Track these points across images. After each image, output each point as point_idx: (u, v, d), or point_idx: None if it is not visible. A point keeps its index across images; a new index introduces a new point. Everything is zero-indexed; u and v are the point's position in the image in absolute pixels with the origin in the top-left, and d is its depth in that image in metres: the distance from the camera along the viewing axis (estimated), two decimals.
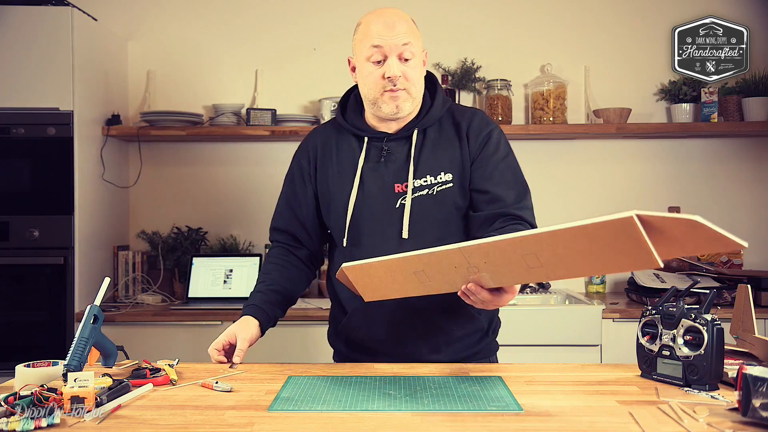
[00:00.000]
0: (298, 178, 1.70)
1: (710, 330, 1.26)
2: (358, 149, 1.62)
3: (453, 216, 1.59)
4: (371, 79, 1.55)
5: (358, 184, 1.58)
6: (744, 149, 3.20)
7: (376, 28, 1.53)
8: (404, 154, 1.59)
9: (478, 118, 1.62)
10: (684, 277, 2.85)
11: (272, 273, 1.67)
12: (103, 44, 3.01)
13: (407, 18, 1.57)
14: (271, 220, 1.75)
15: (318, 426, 1.09)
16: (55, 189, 2.69)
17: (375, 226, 1.57)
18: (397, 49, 1.51)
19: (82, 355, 1.37)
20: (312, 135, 1.73)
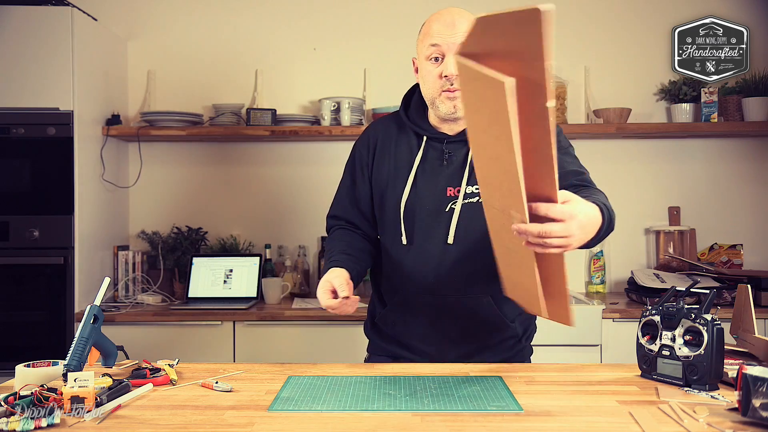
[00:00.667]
0: (357, 167, 1.70)
1: (710, 330, 1.26)
2: (416, 147, 1.61)
3: None
4: (430, 78, 1.54)
5: (411, 183, 1.59)
6: (744, 149, 3.19)
7: (436, 26, 1.52)
8: (461, 158, 1.58)
9: None
10: (684, 277, 2.85)
11: (339, 243, 1.65)
12: (103, 44, 3.01)
13: (470, 17, 1.51)
14: (330, 208, 1.76)
15: (318, 426, 1.09)
16: (55, 189, 2.69)
17: (423, 226, 1.58)
18: (454, 47, 1.47)
19: (82, 355, 1.37)
20: (374, 126, 1.73)
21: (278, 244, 3.20)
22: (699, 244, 3.17)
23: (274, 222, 3.23)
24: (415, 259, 1.58)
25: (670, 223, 3.19)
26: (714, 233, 3.18)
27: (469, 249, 1.56)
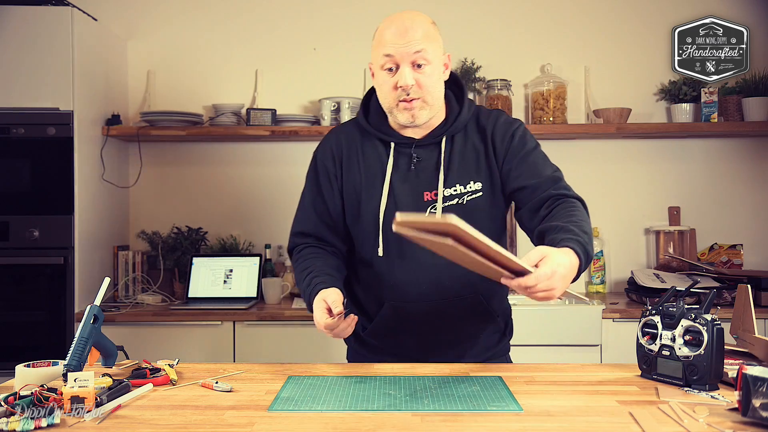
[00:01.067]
0: (323, 179, 1.62)
1: (710, 330, 1.26)
2: (385, 154, 1.57)
3: (482, 225, 1.56)
4: (385, 89, 1.51)
5: (387, 192, 1.55)
6: (744, 149, 3.20)
7: (389, 35, 1.48)
8: (433, 161, 1.55)
9: (501, 120, 1.59)
10: (684, 277, 2.85)
11: (316, 262, 1.58)
12: (103, 44, 3.01)
13: (424, 21, 1.50)
14: (294, 224, 1.68)
15: (318, 426, 1.09)
16: (55, 189, 2.69)
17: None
18: (409, 57, 1.46)
19: (82, 355, 1.37)
20: (334, 135, 1.66)
21: (278, 244, 3.20)
22: (699, 244, 3.17)
23: (274, 222, 3.22)
24: (404, 268, 1.55)
25: (670, 223, 3.19)
26: (714, 233, 3.18)
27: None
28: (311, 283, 1.51)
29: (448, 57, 1.56)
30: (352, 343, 1.73)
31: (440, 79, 1.53)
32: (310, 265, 1.57)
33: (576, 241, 1.31)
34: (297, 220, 1.68)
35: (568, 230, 1.34)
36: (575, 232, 1.33)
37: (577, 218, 1.40)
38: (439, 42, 1.52)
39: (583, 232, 1.35)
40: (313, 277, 1.52)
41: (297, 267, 1.62)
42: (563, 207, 1.45)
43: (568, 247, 1.29)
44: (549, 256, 1.22)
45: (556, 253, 1.24)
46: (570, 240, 1.31)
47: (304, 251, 1.63)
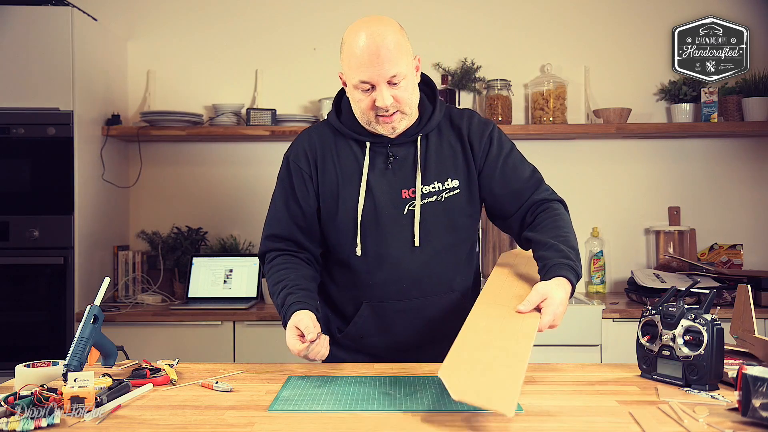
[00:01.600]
0: (297, 180, 1.59)
1: (710, 330, 1.26)
2: (360, 154, 1.57)
3: (462, 223, 1.59)
4: (362, 106, 1.49)
5: (365, 192, 1.54)
6: (744, 149, 3.19)
7: (360, 59, 1.43)
8: (410, 159, 1.56)
9: (475, 121, 1.61)
10: (684, 277, 2.85)
11: (289, 274, 1.56)
12: (103, 44, 3.01)
13: (392, 34, 1.45)
14: (266, 228, 1.64)
15: (318, 426, 1.09)
16: (55, 189, 2.69)
17: (386, 234, 1.54)
18: (385, 79, 1.44)
19: (82, 355, 1.37)
20: (306, 136, 1.63)
21: None
22: (699, 244, 3.17)
23: None
24: (382, 267, 1.55)
25: (670, 223, 3.19)
26: (714, 233, 3.18)
27: (434, 248, 1.56)
28: (285, 302, 1.50)
29: (418, 60, 1.54)
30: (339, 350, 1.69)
31: (415, 86, 1.53)
32: (284, 277, 1.55)
33: (568, 268, 1.41)
34: (269, 223, 1.64)
35: (557, 250, 1.44)
36: (565, 254, 1.43)
37: (562, 231, 1.49)
38: (409, 49, 1.49)
39: (571, 248, 1.46)
40: (287, 294, 1.50)
41: (270, 278, 1.59)
42: (548, 215, 1.54)
43: (562, 276, 1.40)
44: (549, 299, 1.35)
45: (554, 292, 1.36)
46: (563, 267, 1.41)
47: (276, 260, 1.61)
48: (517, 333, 1.29)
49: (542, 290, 1.37)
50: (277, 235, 1.62)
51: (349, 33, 1.48)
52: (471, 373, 1.17)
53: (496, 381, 1.13)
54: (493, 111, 3.08)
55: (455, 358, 1.22)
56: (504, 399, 1.07)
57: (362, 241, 1.55)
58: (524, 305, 1.35)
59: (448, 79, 3.12)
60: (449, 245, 1.58)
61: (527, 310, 1.35)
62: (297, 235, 1.61)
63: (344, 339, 1.65)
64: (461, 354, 1.23)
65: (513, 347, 1.23)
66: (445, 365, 1.19)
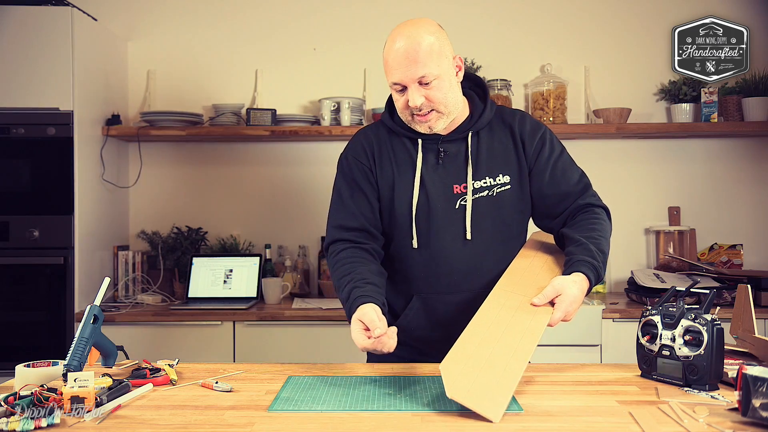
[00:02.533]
0: (359, 175, 1.63)
1: (710, 330, 1.26)
2: (414, 150, 1.61)
3: (513, 218, 1.62)
4: (399, 106, 1.56)
5: (419, 185, 1.58)
6: (744, 149, 3.19)
7: (393, 60, 1.50)
8: (461, 155, 1.60)
9: (527, 121, 1.65)
10: (684, 277, 2.85)
11: (357, 267, 1.54)
12: (103, 44, 3.01)
13: (427, 37, 1.50)
14: (331, 219, 1.65)
15: (318, 426, 1.09)
16: (55, 189, 2.69)
17: (439, 227, 1.58)
18: (414, 80, 1.49)
19: (82, 355, 1.37)
20: (363, 135, 1.69)
21: (278, 244, 3.20)
22: (699, 244, 3.17)
23: (274, 222, 3.23)
24: (435, 259, 1.59)
25: (670, 223, 3.19)
26: (714, 233, 3.18)
27: (486, 242, 1.59)
28: (350, 296, 1.48)
29: (459, 59, 1.58)
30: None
31: (453, 86, 1.55)
32: (351, 270, 1.54)
33: (589, 265, 1.45)
34: (335, 214, 1.65)
35: (585, 249, 1.48)
36: (593, 254, 1.47)
37: (597, 233, 1.54)
38: (446, 51, 1.53)
39: (600, 251, 1.50)
40: (353, 288, 1.49)
41: (335, 271, 1.58)
42: (588, 216, 1.60)
43: (581, 272, 1.44)
44: (563, 295, 1.39)
45: (569, 288, 1.40)
46: (584, 264, 1.45)
47: (342, 254, 1.59)
48: (525, 330, 1.33)
49: (558, 285, 1.41)
50: (344, 225, 1.62)
51: (389, 36, 1.54)
52: (469, 372, 1.20)
53: (490, 385, 1.17)
54: None
55: (459, 352, 1.26)
56: (493, 405, 1.12)
57: (420, 235, 1.59)
58: (539, 298, 1.40)
59: None
60: (500, 240, 1.61)
61: (541, 304, 1.40)
62: (366, 225, 1.62)
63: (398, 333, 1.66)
64: (465, 348, 1.27)
65: (517, 345, 1.27)
66: (447, 358, 1.23)
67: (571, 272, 1.45)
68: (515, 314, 1.37)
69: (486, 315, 1.38)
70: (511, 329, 1.33)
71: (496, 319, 1.36)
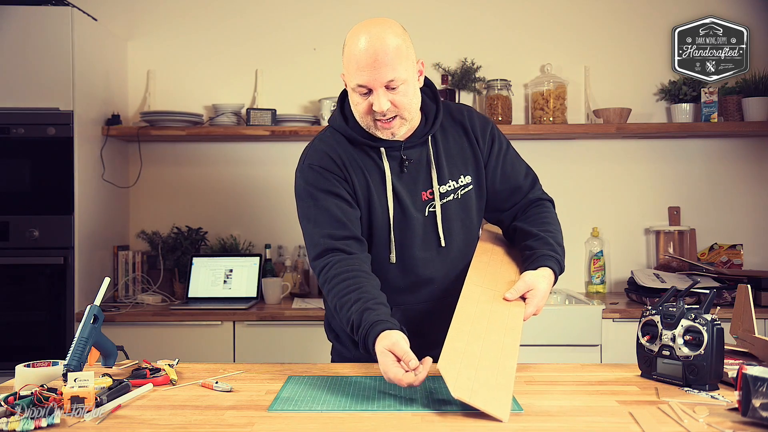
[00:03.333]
0: (335, 183, 1.51)
1: (710, 330, 1.26)
2: (378, 159, 1.54)
3: (474, 218, 1.62)
4: (360, 109, 1.47)
5: (393, 197, 1.54)
6: (744, 149, 3.19)
7: (358, 62, 1.41)
8: (423, 160, 1.56)
9: (475, 116, 1.64)
10: (684, 277, 2.85)
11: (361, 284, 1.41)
12: (103, 44, 3.01)
13: (393, 38, 1.42)
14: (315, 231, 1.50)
15: (318, 426, 1.09)
16: (55, 189, 2.69)
17: (414, 237, 1.56)
18: (382, 83, 1.42)
19: (82, 355, 1.37)
20: (324, 144, 1.56)
21: (278, 244, 3.20)
22: (699, 244, 3.17)
23: (274, 222, 3.22)
24: (413, 270, 1.56)
25: (670, 223, 3.19)
26: (714, 233, 3.18)
27: (458, 246, 1.59)
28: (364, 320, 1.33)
29: (421, 64, 1.52)
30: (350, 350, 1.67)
31: (416, 91, 1.49)
32: (356, 287, 1.40)
33: (553, 259, 1.50)
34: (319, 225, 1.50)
35: (545, 243, 1.52)
36: (553, 248, 1.52)
37: (552, 227, 1.58)
38: (411, 54, 1.46)
39: (558, 244, 1.54)
40: (364, 309, 1.35)
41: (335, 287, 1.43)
42: (539, 210, 1.63)
43: (548, 267, 1.48)
44: (534, 290, 1.43)
45: (540, 283, 1.44)
46: (549, 258, 1.49)
47: (339, 266, 1.44)
48: (505, 326, 1.36)
49: (529, 281, 1.44)
50: (333, 234, 1.48)
51: (350, 35, 1.46)
52: (467, 371, 1.20)
53: (491, 384, 1.18)
54: (493, 111, 3.08)
55: (452, 350, 1.27)
56: (499, 404, 1.13)
57: (396, 247, 1.56)
58: (511, 293, 1.44)
59: (448, 79, 3.12)
60: (468, 241, 1.62)
61: (513, 299, 1.44)
62: (354, 232, 1.50)
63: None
64: (456, 346, 1.28)
65: (503, 342, 1.31)
66: (443, 358, 1.24)
67: (537, 267, 1.47)
68: (492, 308, 1.41)
69: (465, 311, 1.39)
70: (493, 325, 1.36)
71: (476, 315, 1.38)
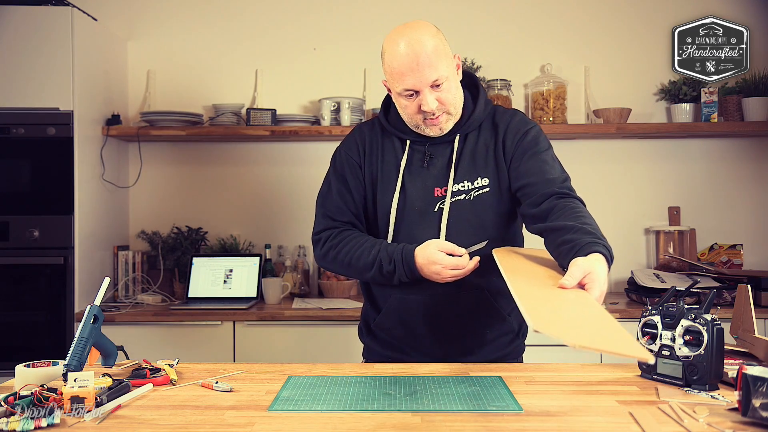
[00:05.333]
0: (348, 170, 1.67)
1: (710, 330, 1.26)
2: (401, 151, 1.63)
3: (489, 221, 1.60)
4: (409, 111, 1.56)
5: (399, 188, 1.60)
6: (744, 149, 3.19)
7: (401, 67, 1.49)
8: (446, 158, 1.61)
9: (517, 118, 1.63)
10: (684, 277, 2.85)
11: (373, 238, 1.63)
12: (103, 44, 3.01)
13: (431, 38, 1.50)
14: (320, 207, 1.71)
15: (318, 426, 1.09)
16: (55, 189, 2.69)
17: (414, 230, 1.59)
18: (428, 84, 1.50)
19: (82, 355, 1.37)
20: (358, 131, 1.72)
21: (278, 244, 3.20)
22: (699, 244, 3.17)
23: (274, 222, 3.23)
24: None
25: (670, 223, 3.19)
26: (714, 233, 3.18)
27: (461, 245, 1.56)
28: (392, 248, 1.55)
29: (458, 58, 1.59)
30: (365, 338, 1.76)
31: (457, 85, 1.57)
32: (366, 238, 1.61)
33: (602, 245, 1.33)
34: (324, 204, 1.70)
35: (587, 233, 1.36)
36: (595, 236, 1.35)
37: (589, 220, 1.42)
38: (448, 51, 1.54)
39: (602, 236, 1.38)
40: (387, 244, 1.57)
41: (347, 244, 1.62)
42: (570, 206, 1.46)
43: (598, 252, 1.31)
44: (593, 273, 1.25)
45: (597, 266, 1.27)
46: (597, 244, 1.33)
47: (345, 233, 1.65)
48: (582, 301, 1.17)
49: (584, 265, 1.26)
50: (334, 217, 1.68)
51: (388, 43, 1.53)
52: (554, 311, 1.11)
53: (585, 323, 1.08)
54: None
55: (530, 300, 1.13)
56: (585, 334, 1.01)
57: (394, 236, 1.61)
58: (567, 280, 1.23)
59: None
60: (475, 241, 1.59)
61: (571, 286, 1.23)
62: (353, 220, 1.67)
63: (377, 328, 1.70)
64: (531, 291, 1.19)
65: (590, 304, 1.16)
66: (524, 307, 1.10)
67: (587, 254, 1.30)
68: (555, 293, 1.21)
69: (528, 292, 1.20)
70: (566, 300, 1.17)
71: (544, 296, 1.21)
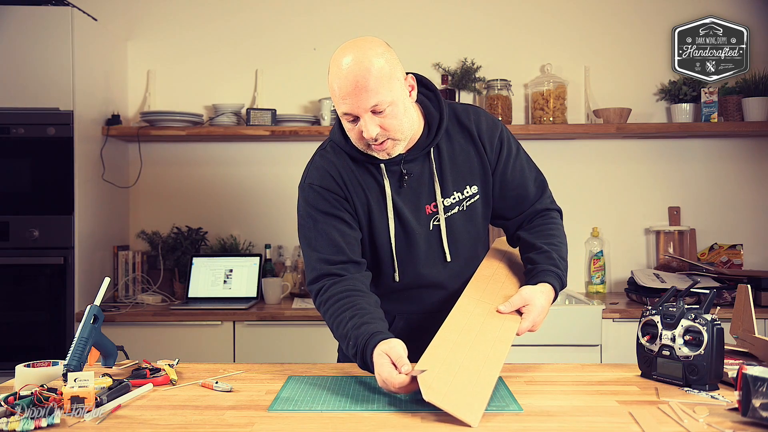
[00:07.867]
0: (334, 204, 1.49)
1: (710, 330, 1.26)
2: (379, 176, 1.50)
3: (480, 228, 1.59)
4: (352, 135, 1.43)
5: (393, 214, 1.50)
6: (744, 149, 3.19)
7: (341, 89, 1.35)
8: (426, 173, 1.51)
9: (482, 120, 1.55)
10: (684, 277, 2.85)
11: (357, 302, 1.39)
12: (103, 44, 3.01)
13: (374, 60, 1.34)
14: (312, 254, 1.48)
15: (318, 426, 1.09)
16: (55, 189, 2.69)
17: (418, 253, 1.53)
18: (367, 110, 1.36)
19: (82, 355, 1.37)
20: (324, 162, 1.52)
21: (278, 244, 3.20)
22: (699, 244, 3.17)
23: (274, 222, 3.23)
24: (418, 286, 1.55)
25: (670, 223, 3.19)
26: (714, 233, 3.18)
27: (464, 259, 1.57)
28: (361, 332, 1.32)
29: (412, 78, 1.45)
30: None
31: (407, 108, 1.42)
32: (352, 305, 1.38)
33: (554, 275, 1.46)
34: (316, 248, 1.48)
35: (548, 257, 1.48)
36: (555, 262, 1.48)
37: (557, 239, 1.54)
38: (396, 73, 1.38)
39: (561, 258, 1.50)
40: (362, 323, 1.33)
41: (330, 307, 1.42)
42: (545, 221, 1.59)
43: (548, 283, 1.45)
44: (531, 305, 1.40)
45: (537, 298, 1.41)
46: (550, 274, 1.46)
47: (334, 288, 1.43)
48: (495, 337, 1.34)
49: (526, 295, 1.41)
50: (329, 259, 1.46)
51: (332, 60, 1.39)
52: (443, 376, 1.20)
53: (466, 390, 1.17)
54: (493, 111, 3.07)
55: (432, 356, 1.26)
56: (470, 410, 1.11)
57: (399, 266, 1.54)
58: (505, 306, 1.41)
59: (448, 79, 3.12)
60: (476, 252, 1.60)
61: (507, 312, 1.41)
62: (351, 256, 1.47)
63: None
64: (438, 353, 1.27)
65: (489, 352, 1.29)
66: (421, 362, 1.23)
67: (537, 282, 1.44)
68: (484, 321, 1.38)
69: (456, 322, 1.37)
70: (482, 336, 1.33)
71: (467, 326, 1.36)
